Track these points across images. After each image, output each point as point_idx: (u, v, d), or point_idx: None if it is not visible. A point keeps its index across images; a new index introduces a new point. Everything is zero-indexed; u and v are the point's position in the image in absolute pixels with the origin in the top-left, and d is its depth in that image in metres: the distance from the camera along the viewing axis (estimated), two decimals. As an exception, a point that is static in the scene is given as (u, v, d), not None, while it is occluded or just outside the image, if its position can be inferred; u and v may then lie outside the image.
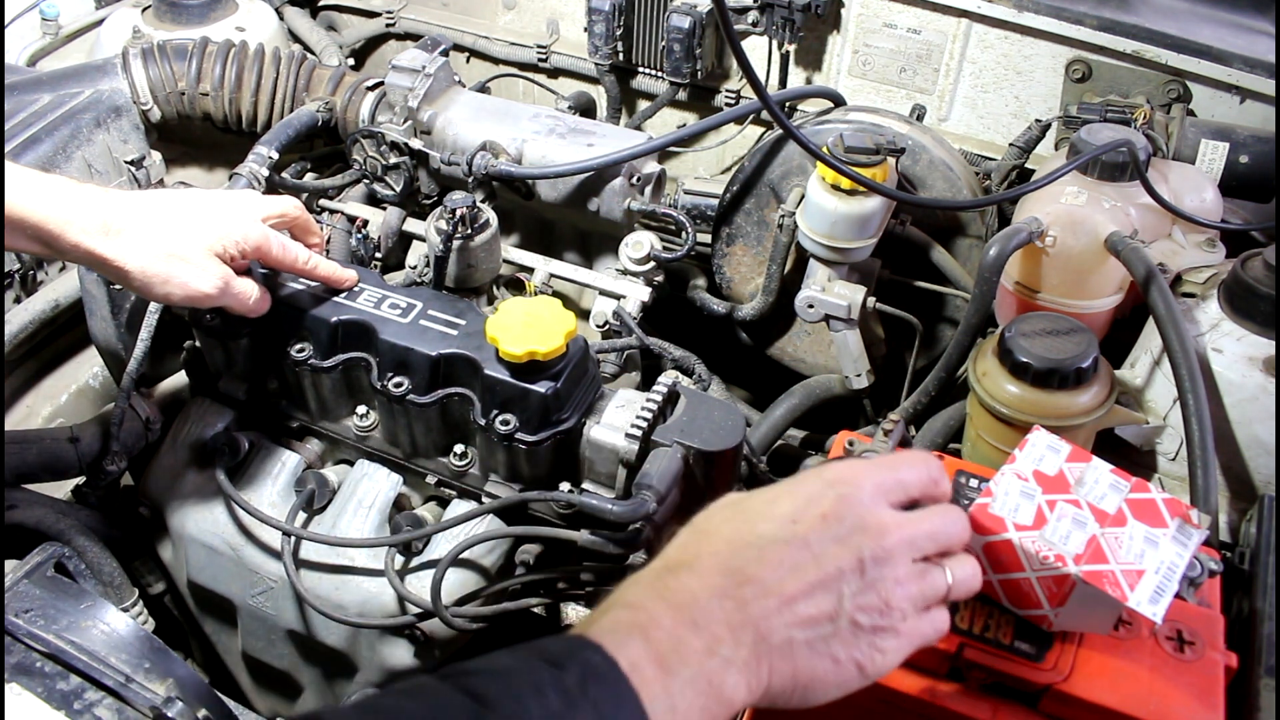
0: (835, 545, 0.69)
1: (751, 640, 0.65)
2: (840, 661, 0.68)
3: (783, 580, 0.67)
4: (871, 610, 0.69)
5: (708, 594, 0.66)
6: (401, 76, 1.65)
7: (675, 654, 0.62)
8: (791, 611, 0.66)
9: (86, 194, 1.04)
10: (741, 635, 0.64)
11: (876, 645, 0.69)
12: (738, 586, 0.66)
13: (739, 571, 0.67)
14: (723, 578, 0.67)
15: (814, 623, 0.67)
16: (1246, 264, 1.32)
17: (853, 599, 0.68)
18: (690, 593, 0.66)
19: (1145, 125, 1.57)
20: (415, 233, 1.67)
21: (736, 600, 0.65)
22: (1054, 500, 0.86)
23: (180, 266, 1.07)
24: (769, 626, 0.65)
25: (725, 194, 1.74)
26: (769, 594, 0.66)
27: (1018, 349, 1.25)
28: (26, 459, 1.30)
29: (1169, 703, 0.83)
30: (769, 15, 1.90)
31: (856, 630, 0.69)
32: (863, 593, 0.69)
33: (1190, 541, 0.83)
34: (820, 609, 0.67)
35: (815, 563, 0.68)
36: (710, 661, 0.62)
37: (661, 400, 1.18)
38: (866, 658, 0.69)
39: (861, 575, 0.69)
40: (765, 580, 0.67)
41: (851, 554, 0.69)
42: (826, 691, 0.69)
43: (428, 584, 1.18)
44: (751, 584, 0.66)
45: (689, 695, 0.61)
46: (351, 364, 1.24)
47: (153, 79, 1.75)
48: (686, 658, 0.62)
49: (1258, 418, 1.27)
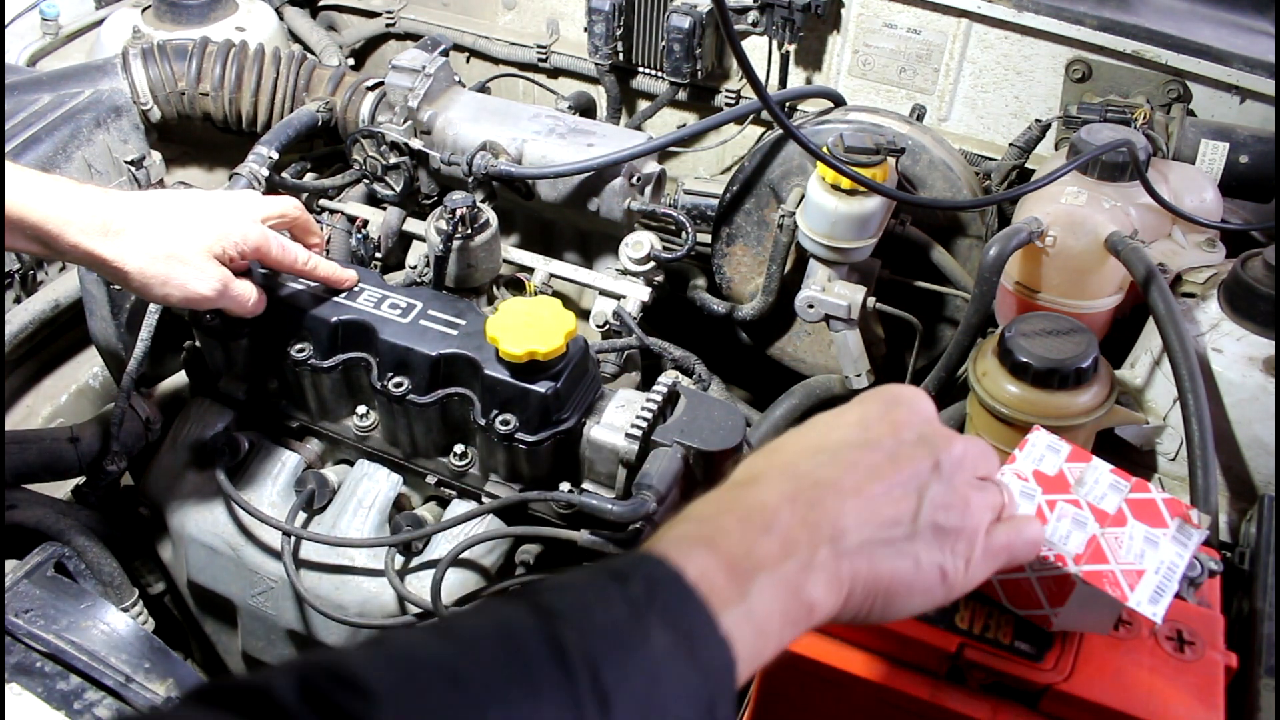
0: (910, 447, 0.68)
1: (829, 540, 0.62)
2: (922, 566, 0.65)
3: (858, 481, 0.65)
4: (952, 509, 0.67)
5: (778, 499, 0.63)
6: (401, 76, 1.65)
7: (747, 559, 0.60)
8: (869, 510, 0.64)
9: (86, 194, 1.04)
10: (817, 536, 0.62)
11: (959, 551, 0.67)
12: (811, 489, 0.64)
13: (809, 475, 0.65)
14: (793, 483, 0.65)
15: (894, 523, 0.65)
16: (1246, 264, 1.32)
17: (931, 499, 0.66)
18: (758, 500, 0.64)
19: (1145, 125, 1.57)
20: (415, 233, 1.67)
21: (809, 502, 0.63)
22: (1054, 500, 0.86)
23: (179, 268, 1.07)
24: (845, 526, 0.63)
25: (725, 194, 1.74)
26: (843, 494, 0.64)
27: (1018, 349, 1.25)
28: (26, 459, 1.30)
29: (1169, 703, 0.83)
30: (769, 15, 1.90)
31: (938, 533, 0.66)
32: (941, 490, 0.67)
33: (1190, 541, 0.83)
34: (899, 508, 0.65)
35: (891, 462, 0.67)
36: (786, 564, 0.60)
37: (661, 400, 1.18)
38: (950, 564, 0.66)
39: (938, 475, 0.67)
40: (839, 481, 0.65)
41: (928, 454, 0.68)
42: (910, 601, 0.65)
43: (428, 584, 1.18)
44: (824, 486, 0.64)
45: (766, 599, 0.59)
46: (351, 364, 1.24)
47: (153, 79, 1.75)
48: (760, 562, 0.60)
49: (1258, 418, 1.27)
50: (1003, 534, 0.72)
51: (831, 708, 0.95)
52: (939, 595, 0.67)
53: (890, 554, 0.64)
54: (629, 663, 0.53)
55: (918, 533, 0.66)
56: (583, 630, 0.53)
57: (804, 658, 0.91)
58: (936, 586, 0.67)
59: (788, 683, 0.96)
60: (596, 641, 0.53)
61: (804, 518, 0.63)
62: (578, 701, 0.51)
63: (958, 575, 0.67)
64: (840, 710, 0.94)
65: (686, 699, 0.54)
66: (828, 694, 0.93)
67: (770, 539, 0.61)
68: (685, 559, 0.59)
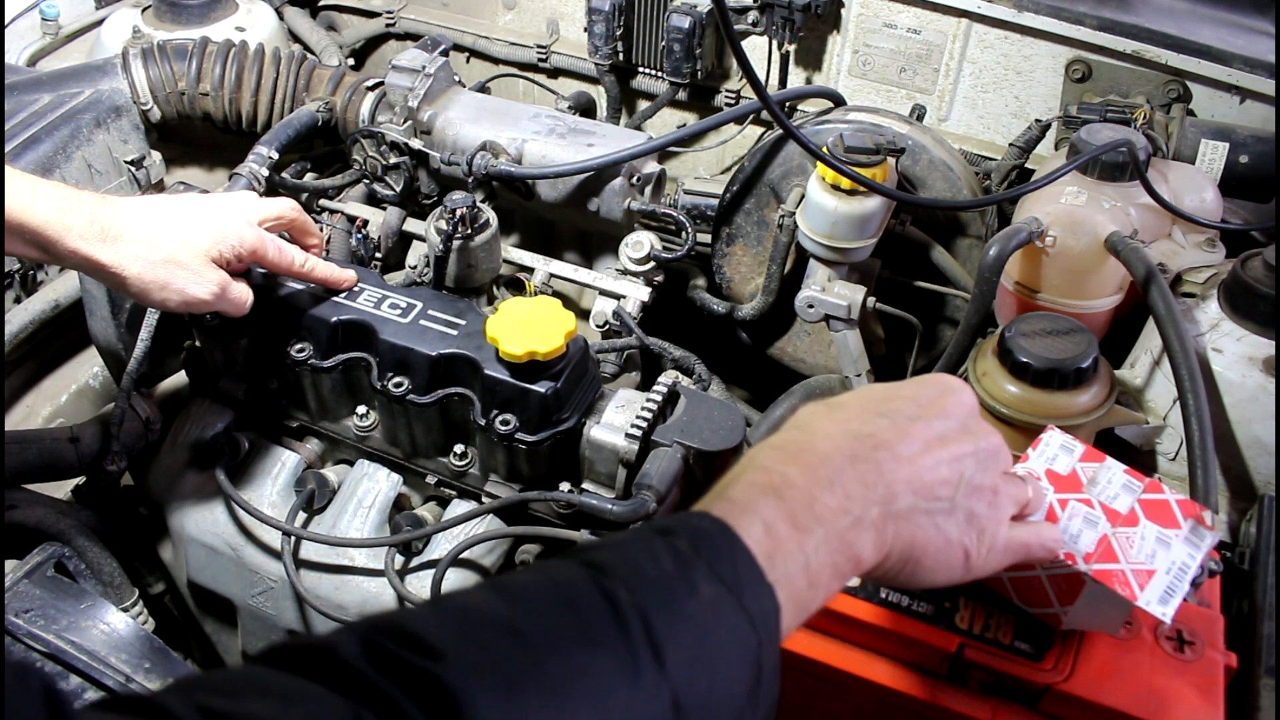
0: (957, 430, 0.73)
1: (882, 501, 0.66)
2: (951, 542, 0.70)
3: (913, 451, 0.69)
4: (984, 494, 0.72)
5: (841, 456, 0.67)
6: (401, 76, 1.65)
7: (809, 511, 0.63)
8: (919, 480, 0.68)
9: (84, 200, 1.04)
10: (873, 495, 0.66)
11: (984, 536, 0.72)
12: (872, 450, 0.68)
13: (871, 437, 0.69)
14: (856, 442, 0.68)
15: (936, 495, 0.69)
16: (1246, 264, 1.32)
17: (969, 480, 0.71)
18: (822, 455, 0.67)
19: (1145, 125, 1.57)
20: (415, 233, 1.67)
21: (871, 462, 0.67)
22: (1066, 499, 0.86)
23: (177, 273, 1.08)
24: (897, 490, 0.67)
25: (725, 194, 1.74)
26: (900, 460, 0.68)
27: (1018, 349, 1.25)
28: (26, 459, 1.30)
29: (1169, 703, 0.83)
30: (769, 15, 1.90)
31: (970, 515, 0.71)
32: (978, 475, 0.72)
33: (1203, 543, 0.83)
34: (944, 480, 0.69)
35: (941, 440, 0.71)
36: (843, 519, 0.64)
37: (661, 400, 1.18)
38: (974, 546, 0.71)
39: (977, 461, 0.72)
40: (896, 447, 0.69)
41: (971, 441, 0.73)
42: (934, 572, 0.70)
43: (428, 584, 1.19)
44: (885, 449, 0.68)
45: (823, 553, 0.62)
46: (351, 364, 1.24)
47: (153, 79, 1.75)
48: (820, 515, 0.63)
49: (1258, 418, 1.27)
50: (1023, 532, 0.76)
51: (831, 708, 0.95)
52: (958, 573, 0.71)
53: (929, 524, 0.69)
54: (679, 613, 0.55)
55: (954, 510, 0.70)
56: (632, 584, 0.56)
57: (804, 658, 0.91)
58: (959, 564, 0.71)
59: (788, 683, 0.96)
60: (647, 594, 0.55)
61: (864, 477, 0.66)
62: (633, 651, 0.53)
63: (979, 558, 0.72)
64: (840, 710, 0.94)
65: (736, 646, 0.57)
66: (828, 694, 0.93)
67: (832, 494, 0.64)
68: (755, 506, 0.62)
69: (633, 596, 0.55)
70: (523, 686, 0.50)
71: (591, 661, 0.52)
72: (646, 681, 0.53)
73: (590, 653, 0.53)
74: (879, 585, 0.91)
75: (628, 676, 0.53)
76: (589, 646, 0.53)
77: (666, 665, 0.53)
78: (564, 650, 0.52)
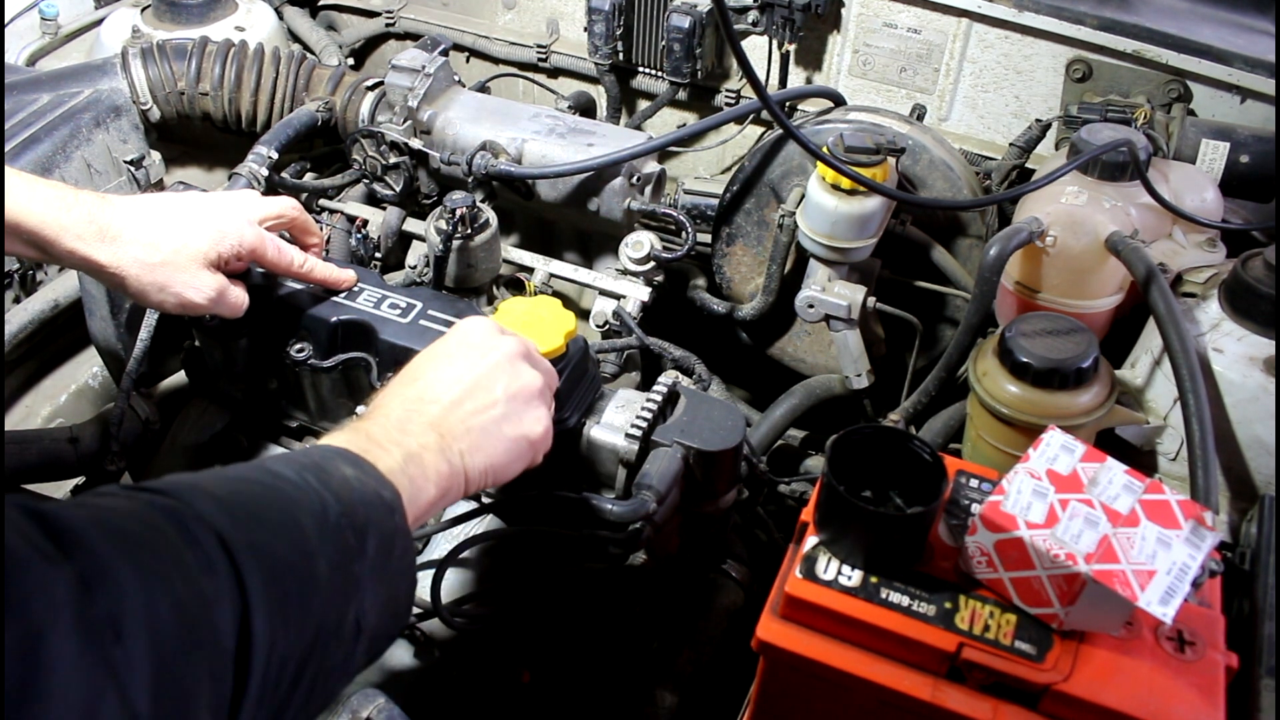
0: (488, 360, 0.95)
1: (436, 434, 0.88)
2: (513, 438, 0.93)
3: (450, 390, 0.92)
4: (521, 395, 0.95)
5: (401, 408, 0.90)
6: (401, 76, 1.65)
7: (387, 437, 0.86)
8: (460, 409, 0.90)
9: (82, 199, 1.04)
10: (428, 432, 0.88)
11: (532, 418, 0.95)
12: (419, 402, 0.90)
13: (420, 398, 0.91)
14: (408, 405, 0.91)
15: (480, 412, 0.91)
16: (1247, 264, 1.31)
17: (506, 389, 0.93)
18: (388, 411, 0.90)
19: (1145, 125, 1.57)
20: (415, 233, 1.67)
21: (418, 410, 0.90)
22: (1066, 499, 0.86)
23: (175, 275, 1.07)
24: (448, 425, 0.89)
25: (725, 194, 1.74)
26: (439, 402, 0.90)
27: (1018, 349, 1.25)
28: (26, 459, 1.30)
29: (1170, 703, 0.83)
30: (769, 15, 1.89)
31: (517, 410, 0.94)
32: (513, 381, 0.94)
33: (1204, 544, 0.83)
34: (482, 402, 0.92)
35: (471, 372, 0.93)
36: (407, 440, 0.86)
37: (661, 400, 1.18)
38: (529, 429, 0.94)
39: (510, 369, 0.95)
40: (439, 395, 0.91)
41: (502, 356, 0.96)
42: (509, 465, 0.93)
43: (427, 584, 1.18)
44: (428, 401, 0.91)
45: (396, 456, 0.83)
46: (351, 364, 1.24)
47: (152, 79, 1.75)
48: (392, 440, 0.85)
49: (1258, 418, 1.27)
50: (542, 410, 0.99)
51: (831, 708, 0.95)
52: (527, 456, 0.95)
53: (485, 436, 0.91)
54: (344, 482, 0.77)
55: (505, 415, 0.92)
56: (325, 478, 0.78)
57: (804, 658, 0.91)
58: (525, 450, 0.94)
59: (788, 683, 0.96)
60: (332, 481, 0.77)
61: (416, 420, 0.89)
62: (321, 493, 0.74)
63: (536, 437, 0.95)
64: (840, 710, 0.94)
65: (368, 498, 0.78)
66: (828, 694, 0.93)
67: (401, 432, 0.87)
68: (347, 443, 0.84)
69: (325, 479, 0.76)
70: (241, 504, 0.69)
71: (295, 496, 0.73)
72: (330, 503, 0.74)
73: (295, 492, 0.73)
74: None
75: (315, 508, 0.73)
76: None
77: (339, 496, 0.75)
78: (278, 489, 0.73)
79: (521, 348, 0.99)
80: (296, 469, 0.75)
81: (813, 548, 0.94)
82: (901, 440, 0.95)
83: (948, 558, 0.92)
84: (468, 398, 0.92)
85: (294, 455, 0.78)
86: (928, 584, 0.90)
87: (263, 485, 0.72)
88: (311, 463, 0.77)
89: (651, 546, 1.16)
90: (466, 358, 0.95)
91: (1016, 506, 0.86)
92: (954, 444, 1.50)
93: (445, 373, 0.93)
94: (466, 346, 0.96)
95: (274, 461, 0.77)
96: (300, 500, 0.72)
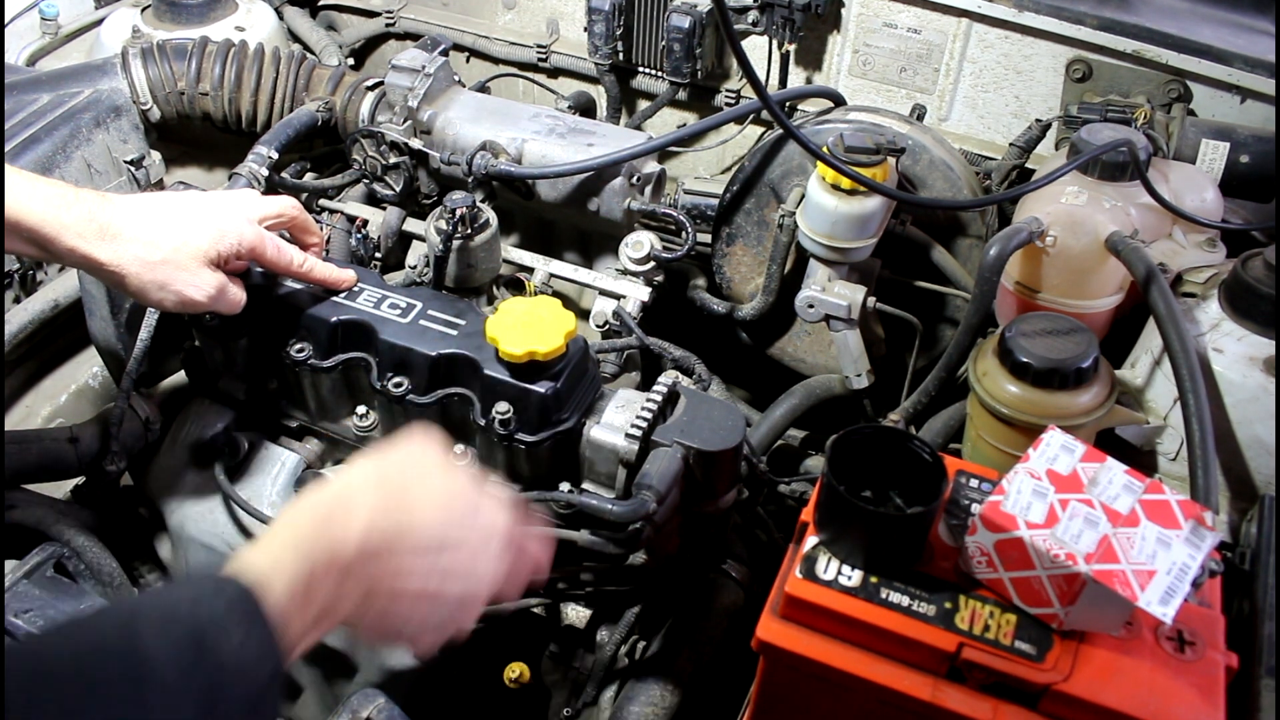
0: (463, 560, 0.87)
1: (364, 590, 0.83)
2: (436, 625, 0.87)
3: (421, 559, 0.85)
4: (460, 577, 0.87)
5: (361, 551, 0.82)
6: (401, 76, 1.65)
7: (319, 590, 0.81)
8: (409, 577, 0.84)
9: (83, 198, 1.04)
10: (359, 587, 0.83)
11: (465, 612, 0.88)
12: (380, 555, 0.83)
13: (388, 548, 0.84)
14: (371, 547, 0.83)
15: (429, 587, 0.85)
16: (1247, 264, 1.31)
17: (442, 582, 0.86)
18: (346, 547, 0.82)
19: (1145, 125, 1.57)
20: (415, 233, 1.67)
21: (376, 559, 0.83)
22: (1066, 499, 0.86)
23: (175, 274, 1.07)
24: (382, 583, 0.83)
25: (725, 194, 1.74)
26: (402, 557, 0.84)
27: (1018, 349, 1.25)
28: (26, 459, 1.30)
29: (1170, 703, 0.83)
30: (769, 15, 1.89)
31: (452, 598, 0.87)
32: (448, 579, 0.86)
33: (1204, 544, 0.83)
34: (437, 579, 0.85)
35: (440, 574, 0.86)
36: (341, 604, 0.83)
37: (661, 400, 1.18)
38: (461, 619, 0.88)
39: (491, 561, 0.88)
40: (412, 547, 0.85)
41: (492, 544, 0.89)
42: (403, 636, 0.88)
43: (427, 584, 1.18)
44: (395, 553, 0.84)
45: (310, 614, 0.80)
46: (351, 364, 1.24)
47: (152, 79, 1.75)
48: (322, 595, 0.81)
49: (1258, 418, 1.27)
50: None
51: (831, 708, 0.95)
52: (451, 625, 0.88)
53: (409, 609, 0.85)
54: None
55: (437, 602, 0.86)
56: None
57: (804, 658, 0.91)
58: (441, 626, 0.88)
59: (788, 683, 0.96)
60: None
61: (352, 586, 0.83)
62: None
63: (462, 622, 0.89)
64: (840, 710, 0.94)
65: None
66: (828, 694, 0.93)
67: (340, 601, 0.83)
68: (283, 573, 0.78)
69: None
70: None
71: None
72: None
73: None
74: (880, 587, 0.90)
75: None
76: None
77: None
78: None
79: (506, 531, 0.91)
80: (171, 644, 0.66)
81: (813, 548, 0.94)
82: (901, 440, 0.95)
83: (948, 558, 0.92)
84: (430, 568, 0.85)
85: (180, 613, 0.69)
86: (928, 584, 0.90)
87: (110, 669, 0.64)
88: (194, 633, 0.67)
89: (651, 546, 1.16)
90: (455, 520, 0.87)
91: (1016, 506, 0.86)
92: (954, 444, 1.50)
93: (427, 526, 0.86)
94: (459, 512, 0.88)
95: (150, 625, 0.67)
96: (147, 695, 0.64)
